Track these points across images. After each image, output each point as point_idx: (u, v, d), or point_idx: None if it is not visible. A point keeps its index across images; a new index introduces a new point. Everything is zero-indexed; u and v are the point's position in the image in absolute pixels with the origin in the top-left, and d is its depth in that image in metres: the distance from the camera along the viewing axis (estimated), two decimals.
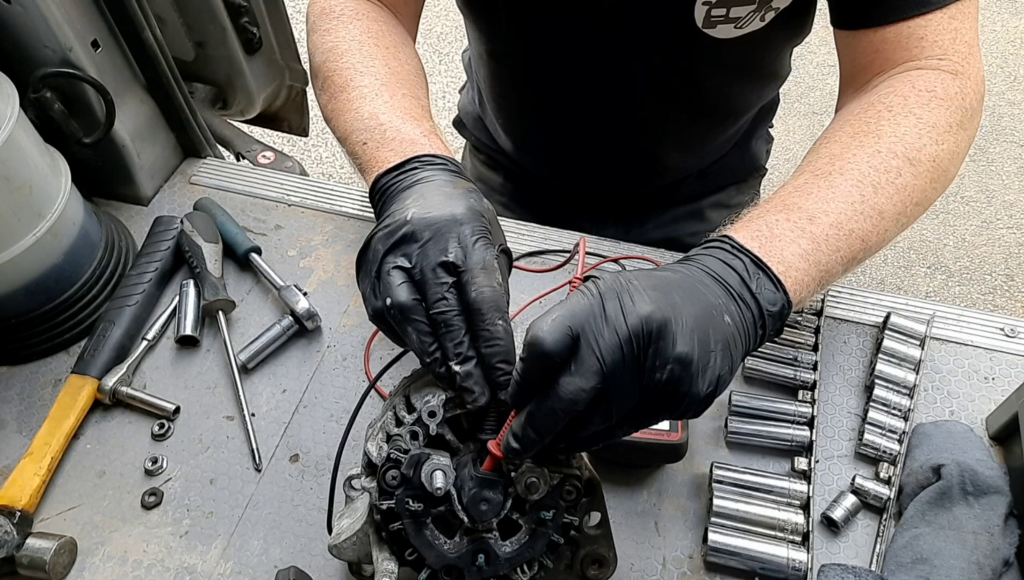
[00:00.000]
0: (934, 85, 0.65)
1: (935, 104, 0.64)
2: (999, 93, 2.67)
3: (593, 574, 0.56)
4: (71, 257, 0.79)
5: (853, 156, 0.61)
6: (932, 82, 0.65)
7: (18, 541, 0.64)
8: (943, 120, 0.64)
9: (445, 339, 0.52)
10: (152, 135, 0.94)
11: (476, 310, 0.51)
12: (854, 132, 0.64)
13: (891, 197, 0.60)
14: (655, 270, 0.52)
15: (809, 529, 0.64)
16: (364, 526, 0.54)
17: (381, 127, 0.65)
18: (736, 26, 0.76)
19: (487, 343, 0.51)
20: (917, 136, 0.62)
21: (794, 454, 0.70)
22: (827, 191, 0.59)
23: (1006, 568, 0.62)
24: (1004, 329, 0.80)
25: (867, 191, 0.59)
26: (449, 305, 0.52)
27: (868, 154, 0.61)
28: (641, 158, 0.98)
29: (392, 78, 0.71)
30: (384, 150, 0.64)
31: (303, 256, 0.89)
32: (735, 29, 0.76)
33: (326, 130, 2.50)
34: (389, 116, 0.66)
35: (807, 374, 0.74)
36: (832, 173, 0.60)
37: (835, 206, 0.58)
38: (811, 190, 0.60)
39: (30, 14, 0.76)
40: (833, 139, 0.65)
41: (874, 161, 0.61)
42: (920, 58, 0.67)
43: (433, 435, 0.53)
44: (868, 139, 0.63)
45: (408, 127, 0.65)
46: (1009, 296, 1.98)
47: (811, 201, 0.59)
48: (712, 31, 0.76)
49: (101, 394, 0.75)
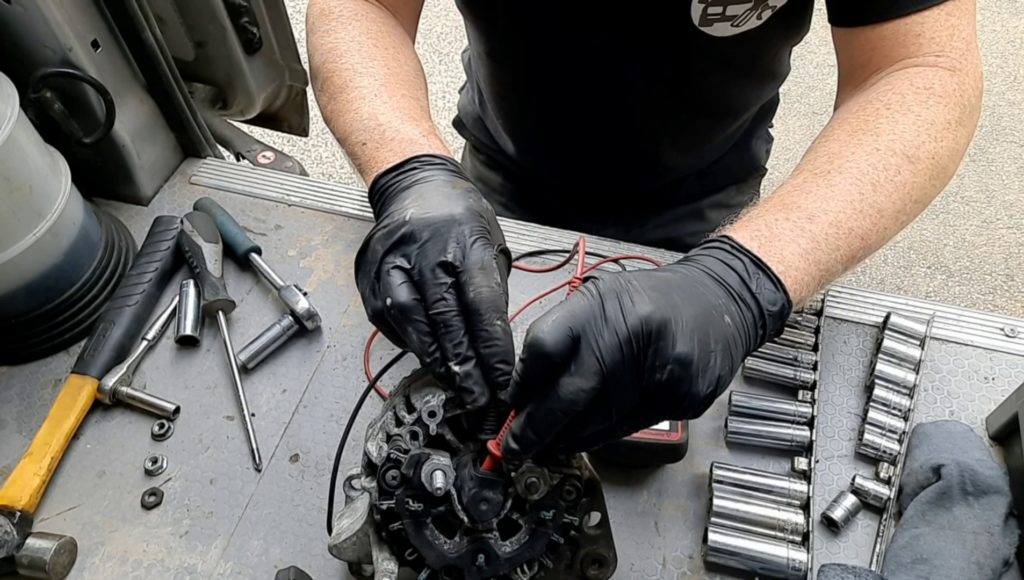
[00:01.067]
0: (932, 82, 0.65)
1: (933, 101, 0.64)
2: (999, 93, 2.67)
3: (593, 574, 0.56)
4: (71, 257, 0.79)
5: (852, 154, 0.61)
6: (930, 79, 0.65)
7: (18, 541, 0.64)
8: (942, 117, 0.64)
9: (444, 339, 0.52)
10: (152, 135, 0.94)
11: (474, 311, 0.51)
12: (853, 130, 0.64)
13: (890, 195, 0.60)
14: (655, 270, 0.52)
15: (809, 529, 0.64)
16: (364, 526, 0.54)
17: (380, 128, 0.65)
18: (733, 24, 0.76)
19: (485, 344, 0.51)
20: (916, 133, 0.62)
21: (794, 454, 0.70)
22: (826, 190, 0.59)
23: (1006, 568, 0.62)
24: (1004, 329, 0.80)
25: (866, 189, 0.59)
26: (448, 305, 0.52)
27: (867, 152, 0.61)
28: (640, 157, 0.98)
29: (391, 79, 0.71)
30: (383, 150, 0.64)
31: (303, 256, 0.89)
32: (732, 27, 0.76)
33: (326, 130, 2.50)
34: (388, 117, 0.66)
35: (807, 374, 0.74)
36: (831, 172, 0.60)
37: (834, 205, 0.58)
38: (810, 189, 0.60)
39: (30, 14, 0.76)
40: (832, 137, 0.65)
41: (873, 159, 0.61)
42: (918, 55, 0.67)
43: (433, 435, 0.53)
44: (867, 137, 0.62)
45: (407, 127, 0.65)
46: (1009, 296, 1.98)
47: (810, 200, 0.58)
48: (709, 29, 0.76)
49: (101, 394, 0.75)
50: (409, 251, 0.53)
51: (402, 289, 0.53)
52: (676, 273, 0.51)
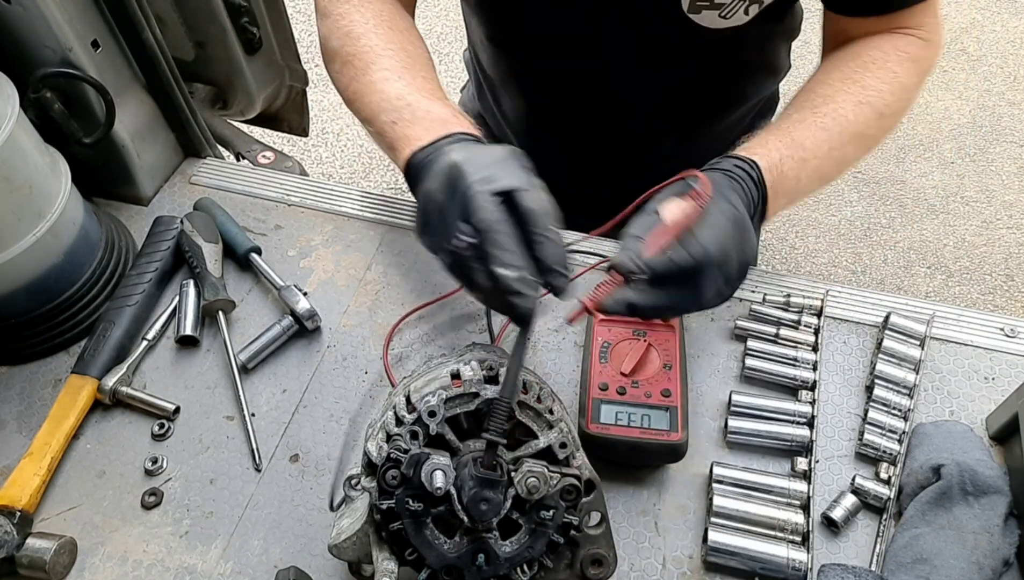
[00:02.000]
0: (909, 47, 0.78)
1: (907, 64, 0.77)
2: (999, 93, 2.66)
3: (593, 574, 0.56)
4: (71, 257, 0.79)
5: (842, 102, 0.74)
6: (908, 45, 0.78)
7: (18, 541, 0.64)
8: (912, 81, 0.77)
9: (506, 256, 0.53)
10: (152, 135, 0.94)
11: (530, 219, 0.55)
12: (843, 77, 0.77)
13: (857, 148, 0.76)
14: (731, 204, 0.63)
15: (809, 529, 0.64)
16: (364, 526, 0.54)
17: (410, 107, 0.68)
18: (720, 15, 0.79)
19: (543, 250, 0.55)
20: (891, 92, 0.75)
21: (794, 454, 0.70)
22: (819, 132, 0.73)
23: (1006, 568, 0.62)
24: (1004, 329, 0.80)
25: (845, 139, 0.74)
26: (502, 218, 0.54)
27: (852, 105, 0.74)
28: (636, 145, 0.99)
29: (410, 61, 0.74)
30: (416, 128, 0.66)
31: (303, 256, 0.89)
32: (720, 18, 0.79)
33: (326, 130, 2.50)
34: (415, 97, 0.69)
35: (807, 374, 0.74)
36: (825, 115, 0.74)
37: (821, 151, 0.72)
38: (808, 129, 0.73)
39: (30, 14, 0.76)
40: (825, 81, 0.77)
41: (855, 113, 0.74)
42: (904, 28, 0.79)
43: (433, 435, 0.53)
44: (854, 88, 0.75)
45: (436, 107, 0.68)
46: (1009, 296, 1.98)
47: (808, 141, 0.72)
48: (697, 17, 0.79)
49: (101, 394, 0.75)
50: (464, 185, 0.55)
51: (487, 208, 0.54)
52: (740, 210, 0.63)
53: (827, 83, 0.77)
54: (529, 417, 0.54)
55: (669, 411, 0.68)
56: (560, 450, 0.53)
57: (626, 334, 0.74)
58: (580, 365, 0.77)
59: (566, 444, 0.54)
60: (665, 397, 0.69)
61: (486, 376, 0.55)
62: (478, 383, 0.54)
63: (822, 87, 0.76)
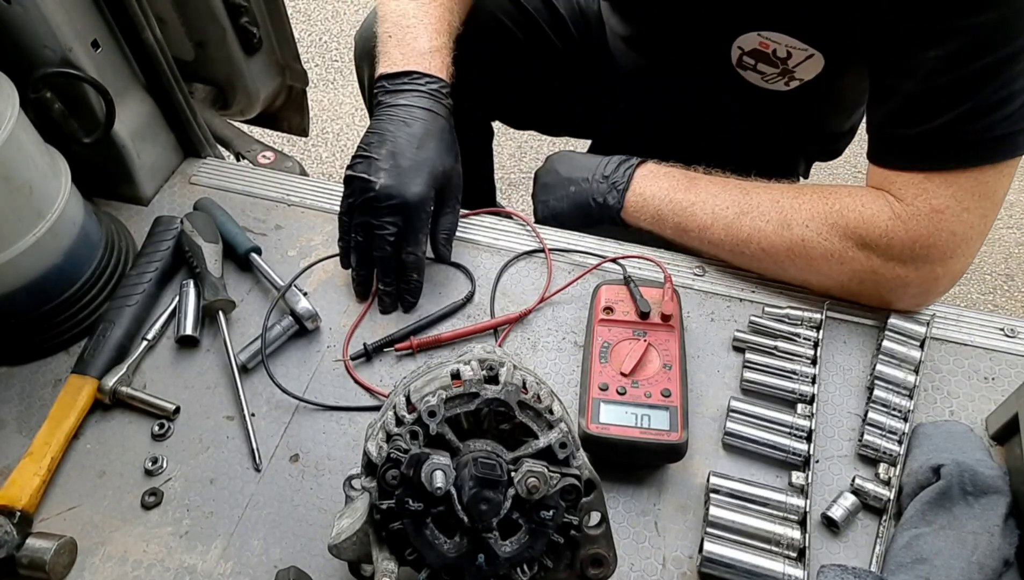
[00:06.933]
0: (872, 205, 0.73)
1: (854, 215, 0.73)
2: None
3: (593, 574, 0.56)
4: (71, 257, 0.79)
5: (766, 191, 0.79)
6: (874, 203, 0.73)
7: (18, 541, 0.64)
8: (842, 224, 0.73)
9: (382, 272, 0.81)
10: (152, 135, 0.94)
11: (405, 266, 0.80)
12: (794, 187, 0.79)
13: (746, 228, 0.78)
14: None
15: (806, 545, 0.64)
16: (364, 526, 0.54)
17: (405, 28, 0.82)
18: (764, 80, 0.85)
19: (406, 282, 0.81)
20: (811, 217, 0.75)
21: (792, 467, 0.70)
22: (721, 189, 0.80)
23: (1006, 568, 0.62)
24: (1004, 329, 0.80)
25: (738, 214, 0.78)
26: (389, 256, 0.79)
27: (771, 197, 0.77)
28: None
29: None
30: (397, 50, 0.80)
31: (303, 256, 0.89)
32: (763, 81, 0.85)
33: (326, 130, 2.50)
34: (415, 21, 0.82)
35: (806, 387, 0.74)
36: (741, 186, 0.80)
37: (709, 207, 0.80)
38: (716, 183, 0.81)
39: (30, 14, 0.76)
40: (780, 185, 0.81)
41: (770, 203, 0.77)
42: (890, 190, 0.73)
43: (433, 435, 0.53)
44: (788, 193, 0.77)
45: (423, 37, 0.81)
46: (1009, 296, 1.98)
47: (702, 192, 0.81)
48: (744, 73, 0.85)
49: (101, 394, 0.75)
50: (372, 215, 0.77)
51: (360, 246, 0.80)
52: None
53: (778, 186, 0.80)
54: (529, 417, 0.54)
55: (669, 411, 0.68)
56: (560, 450, 0.53)
57: (626, 334, 0.74)
58: (580, 365, 0.77)
59: (566, 444, 0.54)
60: (665, 397, 0.69)
61: (486, 376, 0.55)
62: (478, 383, 0.54)
63: (767, 184, 0.81)
